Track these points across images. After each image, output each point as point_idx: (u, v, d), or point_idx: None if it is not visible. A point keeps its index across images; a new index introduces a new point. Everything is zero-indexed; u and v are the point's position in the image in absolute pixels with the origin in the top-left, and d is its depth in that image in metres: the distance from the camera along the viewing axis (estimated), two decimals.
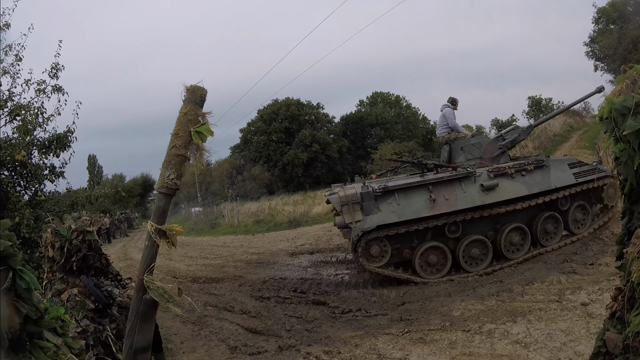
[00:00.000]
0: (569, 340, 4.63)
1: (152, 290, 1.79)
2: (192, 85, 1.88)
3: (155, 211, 1.87)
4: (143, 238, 10.89)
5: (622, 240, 1.74)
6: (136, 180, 46.25)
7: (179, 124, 1.85)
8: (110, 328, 2.54)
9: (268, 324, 6.61)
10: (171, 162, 1.84)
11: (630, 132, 1.56)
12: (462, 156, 9.00)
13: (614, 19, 22.70)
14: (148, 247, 1.86)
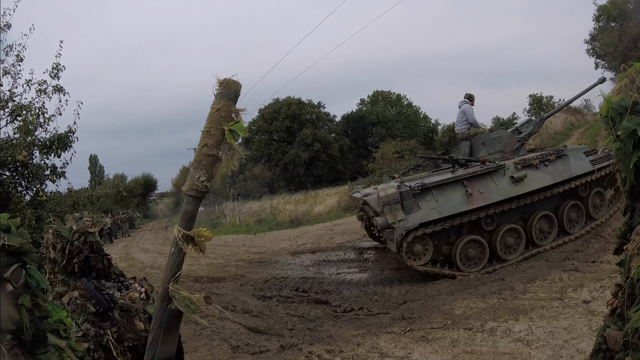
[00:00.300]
0: (571, 337, 4.64)
1: (177, 300, 1.67)
2: (225, 79, 1.71)
3: (183, 215, 1.74)
4: (145, 238, 11.07)
5: (624, 236, 1.74)
6: (137, 180, 46.23)
7: (211, 120, 1.69)
8: (111, 332, 2.51)
9: (270, 323, 6.62)
10: (202, 163, 1.69)
11: (625, 133, 1.57)
12: (484, 150, 9.13)
13: (614, 17, 22.67)
14: (174, 254, 1.73)
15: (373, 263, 9.95)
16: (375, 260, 10.21)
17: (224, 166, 1.72)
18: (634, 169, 1.62)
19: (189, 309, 1.67)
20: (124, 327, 2.60)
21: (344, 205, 22.50)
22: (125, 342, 2.58)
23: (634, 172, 1.63)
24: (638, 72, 1.61)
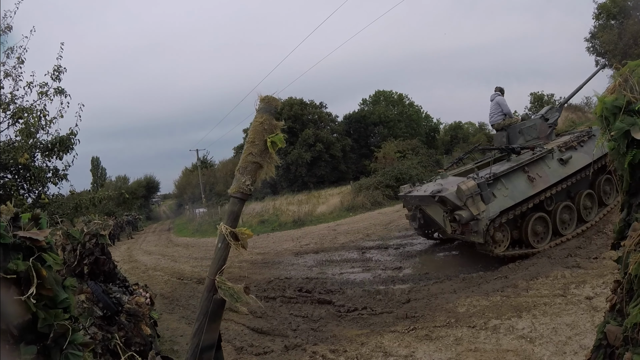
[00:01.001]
0: (574, 334, 4.63)
1: (223, 290, 1.85)
2: (267, 96, 1.96)
3: (229, 215, 1.93)
4: (147, 240, 11.10)
5: (621, 232, 1.76)
6: (140, 182, 46.38)
7: (255, 132, 1.92)
8: (118, 336, 2.52)
9: (274, 324, 6.64)
10: (247, 169, 1.91)
11: (618, 133, 1.59)
12: (522, 138, 9.67)
13: (614, 15, 22.68)
14: (221, 249, 1.92)
15: (376, 263, 9.95)
16: (378, 259, 10.21)
17: (264, 172, 1.94)
18: (629, 168, 1.64)
19: (233, 298, 1.85)
20: (131, 332, 2.60)
21: (347, 205, 22.50)
22: (133, 346, 2.57)
23: (630, 170, 1.64)
24: (631, 71, 1.63)
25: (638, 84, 1.61)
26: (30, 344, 1.34)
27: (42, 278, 1.36)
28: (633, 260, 1.44)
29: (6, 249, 1.31)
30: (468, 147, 44.70)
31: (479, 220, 7.52)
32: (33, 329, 1.35)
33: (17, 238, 1.35)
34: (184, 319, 7.57)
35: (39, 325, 1.35)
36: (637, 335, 1.40)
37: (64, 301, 1.44)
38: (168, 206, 54.00)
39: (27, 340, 1.33)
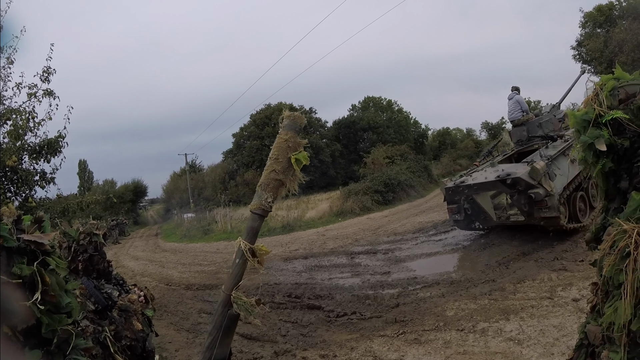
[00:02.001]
0: (562, 335, 4.70)
1: (239, 305, 1.86)
2: (292, 113, 1.97)
3: (249, 230, 1.92)
4: (135, 245, 11.03)
5: (597, 232, 1.83)
6: (127, 186, 45.58)
7: (279, 149, 1.91)
8: (109, 329, 2.59)
9: (263, 329, 6.62)
10: (269, 186, 1.91)
11: (583, 146, 1.70)
12: (540, 131, 10.74)
13: (600, 23, 23.14)
14: (238, 265, 1.89)
15: (365, 268, 9.98)
16: (367, 264, 10.25)
17: (285, 189, 1.96)
18: (602, 175, 1.73)
19: (247, 312, 1.88)
20: (121, 326, 2.68)
21: (336, 211, 22.54)
22: (123, 340, 2.66)
23: (603, 177, 1.74)
24: (602, 85, 1.71)
25: (607, 98, 1.69)
26: (34, 348, 1.34)
27: (46, 283, 1.36)
28: (606, 263, 1.50)
29: (10, 252, 1.31)
30: (456, 152, 45.10)
31: (552, 195, 8.30)
32: (36, 334, 1.35)
33: (21, 242, 1.35)
34: (173, 325, 7.53)
35: (43, 330, 1.35)
36: (612, 333, 1.45)
37: (67, 306, 1.44)
38: (156, 211, 53.44)
39: (31, 345, 1.34)
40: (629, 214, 1.51)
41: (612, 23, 22.50)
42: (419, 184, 28.45)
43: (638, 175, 1.66)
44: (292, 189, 1.97)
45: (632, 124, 1.64)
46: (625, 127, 1.65)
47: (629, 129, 1.65)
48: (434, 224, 14.72)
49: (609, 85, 1.71)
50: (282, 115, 1.99)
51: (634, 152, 1.68)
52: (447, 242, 11.43)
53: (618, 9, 22.73)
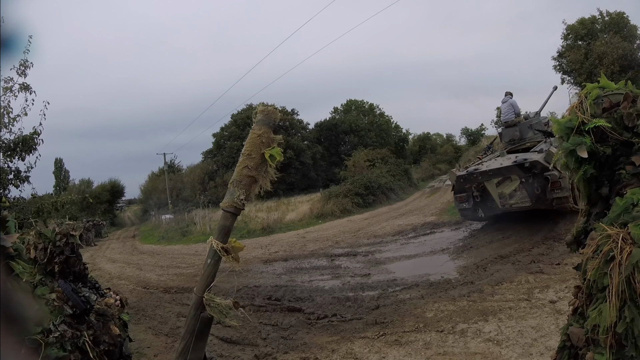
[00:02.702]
0: (540, 336, 4.77)
1: (212, 307, 1.80)
2: (266, 107, 1.89)
3: (221, 229, 1.89)
4: (112, 247, 10.80)
5: (579, 235, 1.87)
6: (104, 185, 44.67)
7: (252, 144, 1.84)
8: (87, 334, 2.52)
9: (243, 333, 6.58)
10: (242, 182, 1.85)
11: (565, 152, 1.75)
12: (531, 132, 11.79)
13: (582, 36, 23.69)
14: (210, 266, 1.87)
15: (345, 270, 10.00)
16: (347, 267, 10.27)
17: (258, 186, 1.88)
18: (584, 181, 1.78)
19: (222, 314, 1.80)
20: (99, 330, 2.61)
21: (316, 213, 22.55)
22: (101, 345, 2.59)
23: (585, 183, 1.78)
24: (587, 94, 1.75)
25: (591, 106, 1.73)
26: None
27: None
28: (590, 267, 1.53)
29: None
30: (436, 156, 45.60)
31: (565, 177, 8.62)
32: None
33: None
34: (151, 329, 7.43)
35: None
36: (597, 336, 1.48)
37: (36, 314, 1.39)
38: (133, 212, 52.54)
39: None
40: (613, 219, 1.54)
41: (593, 36, 23.11)
42: (399, 188, 28.67)
43: (619, 182, 1.70)
44: (265, 186, 1.91)
45: (615, 133, 1.68)
46: (608, 135, 1.69)
47: (611, 137, 1.69)
48: (413, 227, 14.84)
49: (593, 94, 1.75)
50: (256, 110, 1.91)
51: (616, 159, 1.72)
52: (427, 245, 11.54)
53: (600, 22, 23.34)
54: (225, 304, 1.82)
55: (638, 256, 1.35)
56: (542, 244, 8.68)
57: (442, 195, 24.09)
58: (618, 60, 20.49)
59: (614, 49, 20.75)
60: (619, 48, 20.70)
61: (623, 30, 22.09)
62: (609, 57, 20.63)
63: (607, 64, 20.01)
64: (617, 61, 20.44)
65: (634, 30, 22.13)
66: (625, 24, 22.40)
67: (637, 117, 1.67)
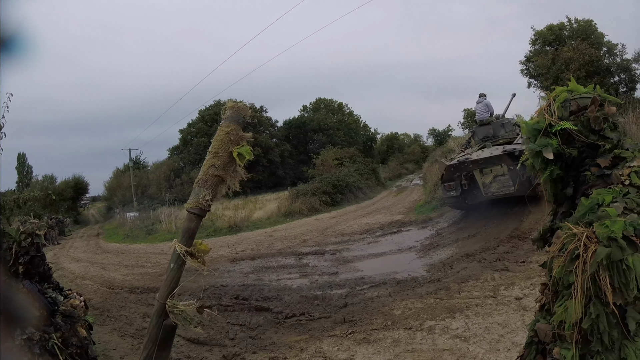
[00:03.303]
0: (506, 332, 4.89)
1: (175, 315, 1.70)
2: (236, 103, 1.80)
3: (185, 232, 1.77)
4: (75, 246, 10.51)
5: (545, 233, 1.93)
6: (68, 182, 43.19)
7: (220, 142, 1.74)
8: (56, 336, 2.43)
9: (210, 333, 6.50)
10: (208, 182, 1.74)
11: (531, 153, 1.81)
12: (503, 131, 12.73)
13: (550, 41, 24.32)
14: (173, 270, 1.74)
15: (313, 268, 10.01)
16: (315, 265, 10.29)
17: (226, 186, 1.78)
18: (550, 181, 1.84)
19: (186, 321, 1.68)
20: (67, 332, 2.52)
21: (284, 211, 22.49)
22: (70, 347, 2.50)
23: (552, 183, 1.84)
24: (555, 96, 1.81)
25: (559, 109, 1.79)
26: None
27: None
28: (556, 264, 1.57)
29: None
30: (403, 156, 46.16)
31: None
32: None
33: None
34: (116, 331, 7.26)
35: None
36: (563, 331, 1.53)
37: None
38: (97, 209, 51.14)
39: None
40: (578, 218, 1.59)
41: (561, 42, 23.74)
42: (367, 186, 28.89)
43: (585, 183, 1.76)
44: (233, 186, 1.81)
45: (581, 135, 1.74)
46: (575, 137, 1.74)
47: (577, 139, 1.74)
48: (380, 226, 14.98)
49: (561, 97, 1.80)
50: (225, 106, 1.82)
51: (582, 161, 1.78)
52: (394, 243, 11.67)
53: (568, 29, 23.98)
54: (190, 310, 1.72)
55: (602, 254, 1.40)
56: (507, 242, 8.88)
57: (409, 194, 24.41)
58: (584, 66, 21.14)
59: (581, 55, 21.40)
60: (585, 54, 21.36)
61: (590, 37, 22.77)
62: (575, 63, 21.26)
63: (574, 70, 20.60)
64: (584, 67, 21.09)
65: (601, 37, 22.85)
66: (593, 31, 23.11)
67: (604, 121, 1.74)
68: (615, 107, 1.79)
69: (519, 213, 10.98)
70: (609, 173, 1.69)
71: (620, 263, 1.38)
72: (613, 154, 1.72)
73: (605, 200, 1.56)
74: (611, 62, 22.53)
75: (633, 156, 1.68)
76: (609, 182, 1.67)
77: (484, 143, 12.64)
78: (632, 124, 12.60)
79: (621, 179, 1.63)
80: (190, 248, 1.74)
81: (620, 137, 1.78)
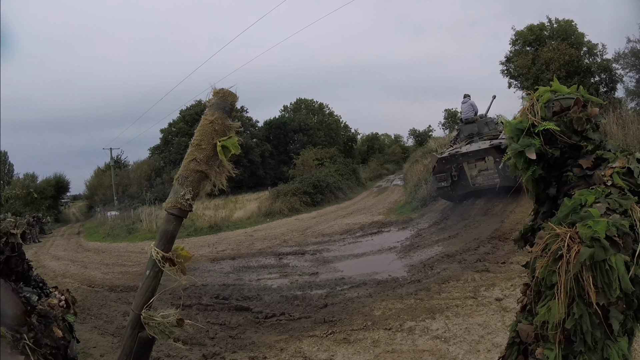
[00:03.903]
0: (486, 333, 4.91)
1: (151, 327, 1.53)
2: (222, 89, 1.59)
3: (162, 235, 1.56)
4: (56, 244, 10.36)
5: (526, 232, 1.94)
6: (49, 180, 42.48)
7: (203, 133, 1.56)
8: (28, 337, 2.36)
9: (190, 332, 6.43)
10: (188, 179, 1.55)
11: (513, 153, 1.80)
12: (487, 129, 13.66)
13: (530, 42, 24.54)
14: (149, 278, 1.56)
15: (293, 268, 9.99)
16: (295, 265, 10.26)
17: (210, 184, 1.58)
18: (533, 181, 1.85)
19: (164, 334, 1.52)
20: (41, 333, 2.45)
21: (265, 211, 22.42)
22: (43, 348, 2.42)
23: (534, 183, 1.85)
24: (538, 96, 1.82)
25: (542, 109, 1.79)
26: None
27: None
28: (539, 265, 1.57)
29: None
30: (384, 157, 46.38)
31: None
32: None
33: None
34: (97, 329, 7.15)
35: None
36: (546, 332, 1.53)
37: None
38: (78, 208, 50.41)
39: None
40: (561, 219, 1.59)
41: (541, 42, 23.92)
42: (347, 187, 28.96)
43: (567, 183, 1.76)
44: (219, 183, 1.62)
45: (564, 136, 1.74)
46: (557, 138, 1.75)
47: (560, 140, 1.75)
48: (361, 226, 15.02)
49: (544, 97, 1.81)
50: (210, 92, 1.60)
51: (564, 161, 1.78)
52: (374, 244, 11.71)
53: (549, 29, 24.20)
54: (168, 323, 1.54)
55: (585, 255, 1.40)
56: (487, 243, 8.96)
57: (390, 194, 24.51)
58: (565, 66, 21.36)
59: (561, 55, 21.60)
60: (565, 54, 21.56)
61: (571, 37, 22.99)
62: (555, 63, 21.46)
63: (554, 70, 20.80)
64: (564, 67, 21.30)
65: (581, 37, 23.07)
66: (573, 32, 23.33)
67: (586, 122, 1.74)
68: (598, 108, 1.80)
69: (499, 214, 11.10)
70: (591, 174, 1.70)
71: (604, 263, 1.38)
72: (595, 155, 1.73)
73: (588, 201, 1.57)
74: (591, 62, 22.81)
75: (615, 157, 1.69)
76: (591, 182, 1.68)
77: (470, 139, 13.68)
78: (612, 124, 12.77)
79: (603, 179, 1.64)
80: (168, 253, 1.55)
81: (602, 138, 1.79)
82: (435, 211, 15.25)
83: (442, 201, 15.07)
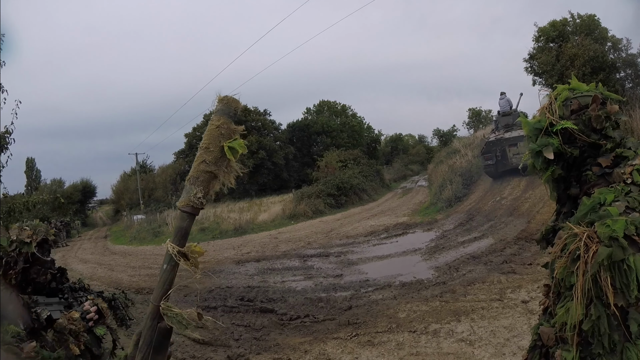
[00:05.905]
0: (512, 335, 4.84)
1: (169, 317, 1.61)
2: (226, 96, 1.72)
3: (177, 231, 1.68)
4: (83, 248, 10.55)
5: (547, 233, 1.91)
6: (76, 185, 43.58)
7: (210, 137, 1.68)
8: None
9: (216, 334, 6.51)
10: (199, 179, 1.66)
11: (531, 153, 1.78)
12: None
13: (553, 38, 24.08)
14: (166, 272, 1.65)
15: (317, 270, 10.00)
16: (320, 267, 10.27)
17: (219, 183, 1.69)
18: (553, 182, 1.83)
19: (181, 325, 1.61)
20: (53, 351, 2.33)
21: (289, 214, 22.48)
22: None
23: (554, 183, 1.82)
24: (557, 95, 1.79)
25: (560, 108, 1.76)
26: None
27: None
28: (558, 265, 1.55)
29: None
30: (408, 157, 46.07)
31: None
32: None
33: None
34: (123, 331, 7.30)
35: None
36: (565, 333, 1.51)
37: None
38: (105, 212, 51.43)
39: None
40: (580, 218, 1.57)
41: (564, 38, 23.41)
42: (371, 188, 28.84)
43: (587, 183, 1.74)
44: (228, 183, 1.71)
45: (582, 135, 1.71)
46: (576, 136, 1.72)
47: (579, 139, 1.72)
48: (385, 228, 14.95)
49: (562, 96, 1.78)
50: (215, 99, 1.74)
51: (584, 160, 1.75)
52: (399, 246, 11.63)
53: (571, 25, 23.69)
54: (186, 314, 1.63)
55: (604, 255, 1.38)
56: (514, 244, 8.83)
57: (414, 196, 24.34)
58: (589, 62, 20.81)
59: (585, 51, 21.07)
60: (590, 50, 21.02)
61: (594, 32, 22.40)
62: (580, 59, 20.96)
63: (579, 66, 20.31)
64: (589, 63, 20.75)
65: (604, 32, 22.47)
66: (596, 27, 22.74)
67: (605, 119, 1.71)
68: (618, 105, 1.76)
69: (525, 214, 10.93)
70: (611, 172, 1.66)
71: (622, 263, 1.36)
72: (615, 153, 1.69)
73: (607, 200, 1.54)
74: (616, 57, 22.25)
75: (635, 154, 1.66)
76: (611, 181, 1.65)
77: (509, 128, 16.81)
78: (639, 121, 12.42)
79: (623, 177, 1.61)
80: (183, 248, 1.66)
81: (623, 135, 1.75)
82: (461, 212, 15.10)
83: (468, 202, 15.20)
